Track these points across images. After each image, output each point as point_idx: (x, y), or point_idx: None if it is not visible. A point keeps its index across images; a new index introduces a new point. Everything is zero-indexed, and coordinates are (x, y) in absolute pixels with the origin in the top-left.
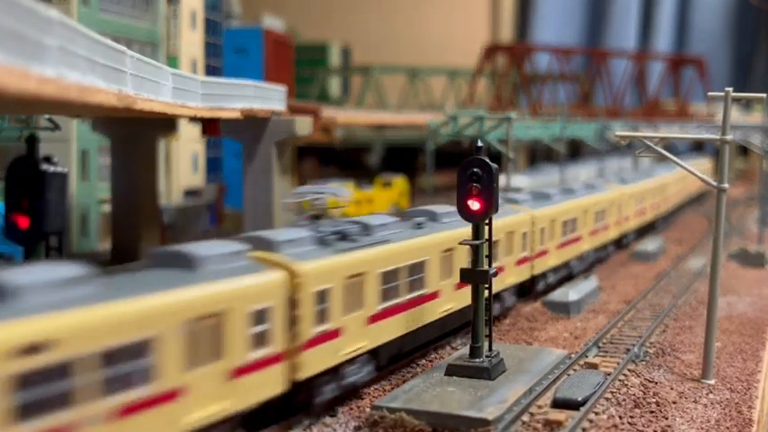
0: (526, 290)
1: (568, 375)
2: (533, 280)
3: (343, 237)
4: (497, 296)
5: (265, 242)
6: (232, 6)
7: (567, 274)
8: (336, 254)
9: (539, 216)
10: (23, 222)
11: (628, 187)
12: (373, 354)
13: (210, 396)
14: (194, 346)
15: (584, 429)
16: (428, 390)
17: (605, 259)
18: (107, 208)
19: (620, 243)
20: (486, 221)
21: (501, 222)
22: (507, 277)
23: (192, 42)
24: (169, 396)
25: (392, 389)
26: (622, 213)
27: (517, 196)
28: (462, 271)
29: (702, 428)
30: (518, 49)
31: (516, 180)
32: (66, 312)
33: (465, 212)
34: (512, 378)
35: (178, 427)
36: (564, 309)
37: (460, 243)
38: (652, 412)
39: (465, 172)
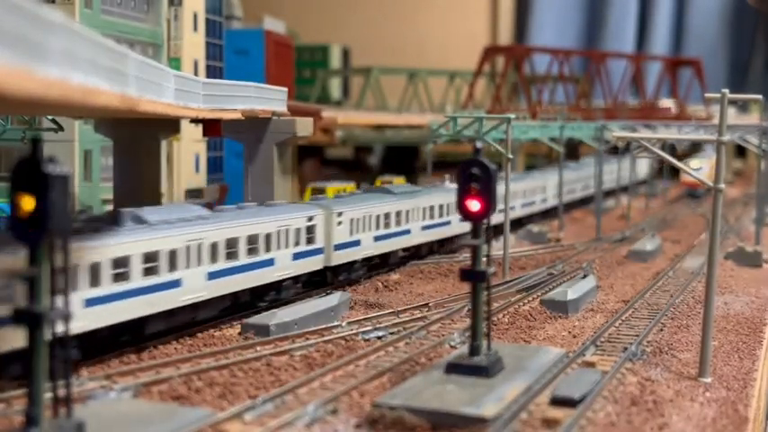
0: None
1: (566, 374)
2: None
3: None
4: None
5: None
6: (233, 8)
7: None
8: None
9: None
10: (28, 223)
11: None
12: None
13: None
14: None
15: (581, 427)
16: (428, 388)
17: None
18: (110, 208)
19: None
20: None
21: None
22: None
23: (193, 44)
24: None
25: (392, 387)
26: None
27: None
28: (462, 271)
29: (699, 426)
30: (517, 50)
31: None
32: None
33: (464, 212)
34: (510, 376)
35: None
36: (562, 308)
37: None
38: (649, 410)
39: (464, 172)
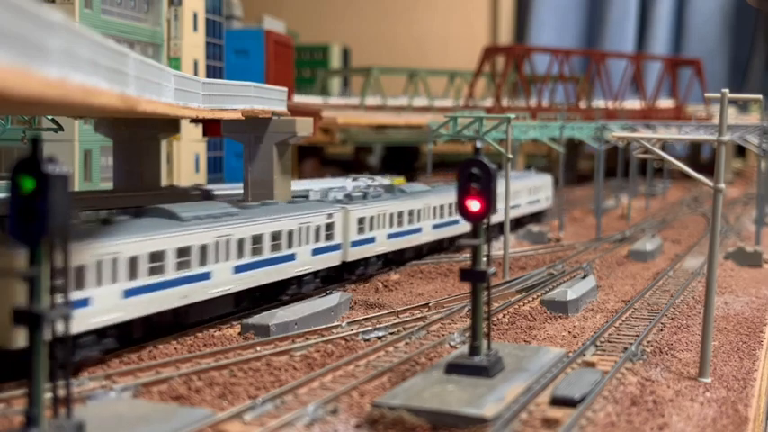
0: None
1: (566, 374)
2: None
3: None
4: None
5: None
6: (233, 8)
7: None
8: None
9: None
10: (28, 223)
11: None
12: None
13: None
14: None
15: (581, 427)
16: (427, 388)
17: None
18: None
19: None
20: None
21: None
22: None
23: (193, 43)
24: None
25: (392, 387)
26: None
27: None
28: (462, 271)
29: (699, 426)
30: (517, 50)
31: None
32: None
33: (464, 213)
34: (510, 376)
35: None
36: (562, 308)
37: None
38: (649, 410)
39: (464, 172)
